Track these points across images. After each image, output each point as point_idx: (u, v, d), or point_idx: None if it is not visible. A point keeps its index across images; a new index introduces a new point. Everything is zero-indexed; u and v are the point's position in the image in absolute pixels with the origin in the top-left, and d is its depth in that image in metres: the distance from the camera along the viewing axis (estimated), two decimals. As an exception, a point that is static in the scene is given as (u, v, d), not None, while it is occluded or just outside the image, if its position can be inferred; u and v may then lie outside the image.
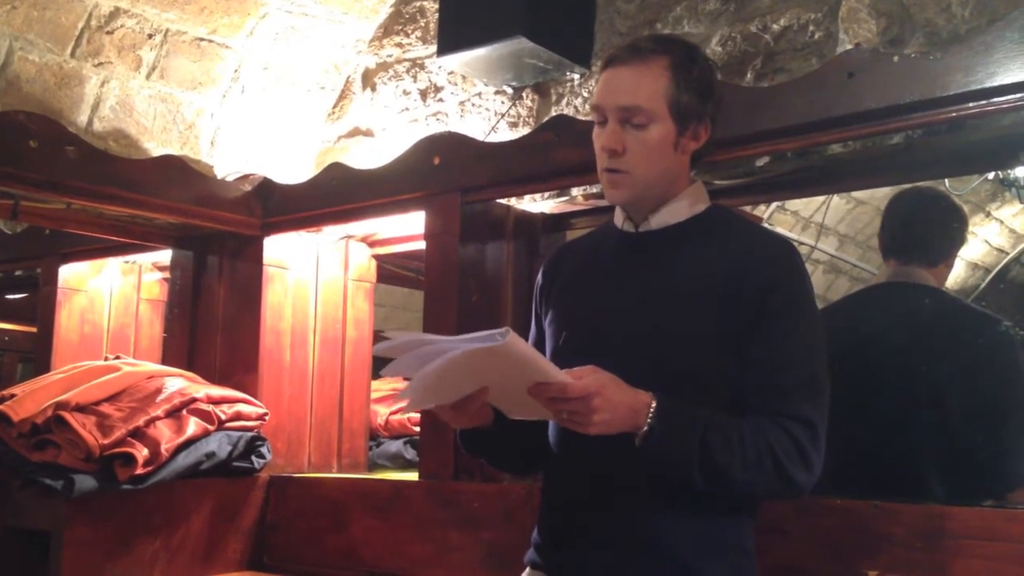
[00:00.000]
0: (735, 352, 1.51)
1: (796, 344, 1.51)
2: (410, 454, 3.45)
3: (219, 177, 3.22)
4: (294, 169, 3.37)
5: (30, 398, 2.54)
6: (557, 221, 2.78)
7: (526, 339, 1.79)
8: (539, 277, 1.80)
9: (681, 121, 1.56)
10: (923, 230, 2.33)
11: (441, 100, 3.14)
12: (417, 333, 1.40)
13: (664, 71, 1.55)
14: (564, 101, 2.83)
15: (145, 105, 3.15)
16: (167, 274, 3.43)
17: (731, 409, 1.49)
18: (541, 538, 1.66)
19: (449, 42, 2.76)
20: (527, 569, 1.67)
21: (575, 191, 2.61)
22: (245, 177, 3.20)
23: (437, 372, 1.32)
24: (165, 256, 3.37)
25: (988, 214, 6.52)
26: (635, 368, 1.47)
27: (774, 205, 5.12)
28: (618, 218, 1.69)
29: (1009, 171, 5.01)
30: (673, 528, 1.51)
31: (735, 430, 1.44)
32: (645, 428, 1.42)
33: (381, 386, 3.71)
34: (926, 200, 2.39)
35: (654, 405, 1.43)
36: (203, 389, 2.72)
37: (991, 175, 5.18)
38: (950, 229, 2.36)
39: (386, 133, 3.27)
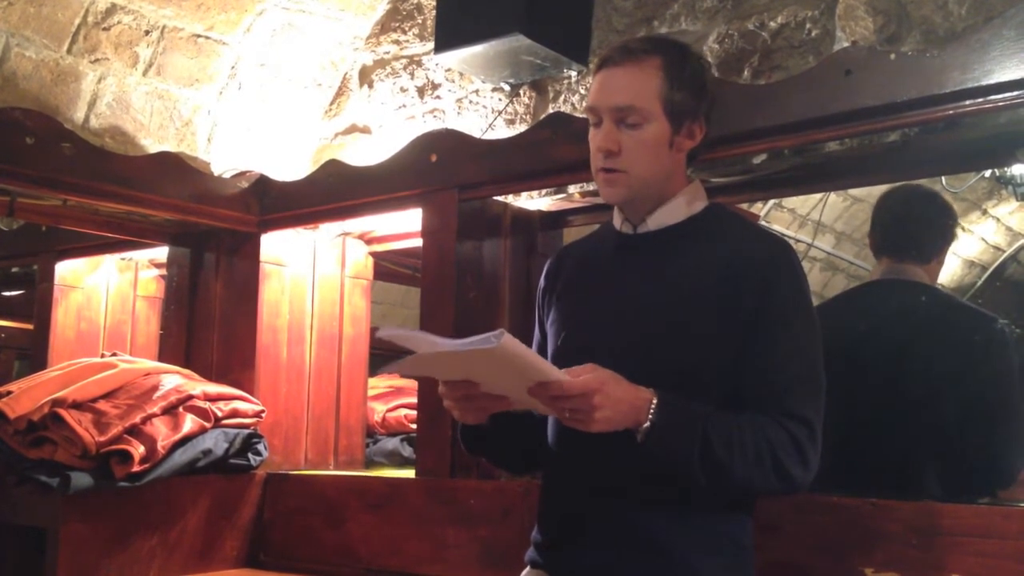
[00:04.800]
0: (733, 352, 1.52)
1: (794, 344, 1.52)
2: (407, 451, 3.45)
3: (216, 174, 3.21)
4: (291, 166, 3.36)
5: (26, 395, 2.54)
6: (554, 218, 2.78)
7: (529, 343, 1.80)
8: (541, 281, 1.81)
9: (675, 120, 1.57)
10: (915, 228, 2.34)
11: (438, 97, 3.14)
12: (420, 333, 1.42)
13: (657, 71, 1.56)
14: (561, 98, 2.83)
15: (142, 102, 3.14)
16: (164, 271, 3.43)
17: (729, 407, 1.50)
18: (541, 537, 1.67)
19: (446, 39, 2.76)
20: (527, 568, 1.68)
21: (572, 188, 2.61)
22: (242, 174, 3.19)
23: (434, 358, 1.40)
24: (162, 253, 3.36)
25: (985, 212, 6.52)
26: (634, 368, 1.48)
27: (771, 202, 5.13)
28: (616, 220, 1.70)
29: (1006, 169, 5.02)
30: (672, 525, 1.52)
31: (735, 427, 1.45)
32: (647, 424, 1.42)
33: (378, 383, 3.71)
34: (917, 198, 2.40)
35: (655, 402, 1.43)
36: (200, 386, 2.72)
37: (988, 173, 5.19)
38: (941, 226, 2.38)
39: (383, 130, 3.27)
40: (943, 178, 4.52)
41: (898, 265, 2.34)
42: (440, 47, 2.77)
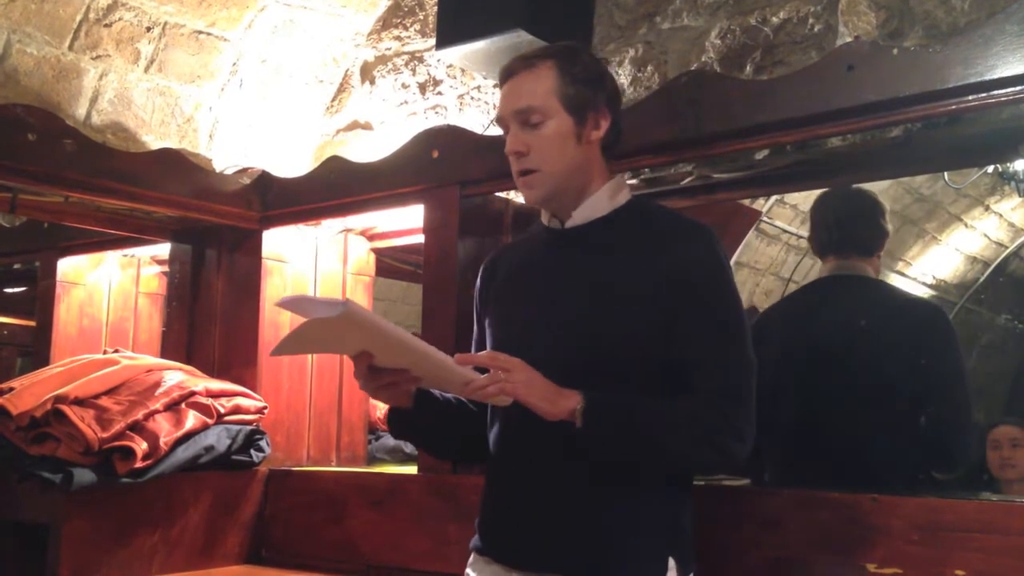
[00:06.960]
0: (663, 339, 1.57)
1: (718, 325, 1.59)
2: (409, 448, 3.45)
3: (217, 170, 3.21)
4: (293, 162, 3.36)
5: (29, 391, 2.54)
6: (556, 214, 2.77)
7: (470, 341, 1.87)
8: (477, 282, 1.87)
9: (576, 112, 1.64)
10: (859, 225, 2.48)
11: (440, 93, 3.13)
12: (306, 297, 1.50)
13: (550, 70, 1.64)
14: (563, 94, 2.83)
15: (143, 98, 3.15)
16: (166, 268, 3.43)
17: (664, 393, 1.56)
18: (483, 523, 1.73)
19: (448, 35, 2.75)
20: (472, 554, 1.74)
21: (574, 184, 2.61)
22: (244, 170, 3.19)
23: (302, 333, 1.42)
24: (164, 250, 3.36)
25: (987, 208, 6.51)
26: (568, 361, 1.56)
27: (773, 198, 5.12)
28: (544, 216, 1.76)
29: (1008, 164, 5.01)
30: (610, 508, 1.57)
31: (668, 407, 1.54)
32: (582, 405, 1.49)
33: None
34: (855, 198, 2.55)
35: (584, 393, 1.50)
36: (202, 382, 2.72)
37: (990, 168, 5.18)
38: (879, 222, 2.53)
39: (385, 126, 3.27)
40: (946, 174, 4.51)
41: (846, 262, 2.47)
42: (442, 43, 2.77)
